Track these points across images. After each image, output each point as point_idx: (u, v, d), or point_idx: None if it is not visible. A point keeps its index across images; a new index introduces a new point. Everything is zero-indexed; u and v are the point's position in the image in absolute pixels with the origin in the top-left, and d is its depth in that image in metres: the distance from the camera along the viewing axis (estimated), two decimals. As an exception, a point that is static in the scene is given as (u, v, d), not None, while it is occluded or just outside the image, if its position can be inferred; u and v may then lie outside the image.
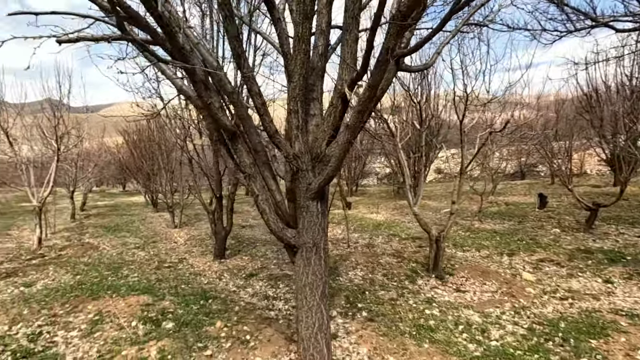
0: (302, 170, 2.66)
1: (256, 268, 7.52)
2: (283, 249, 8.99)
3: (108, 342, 4.12)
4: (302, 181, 2.68)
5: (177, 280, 6.56)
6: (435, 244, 6.67)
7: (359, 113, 2.25)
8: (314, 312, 2.77)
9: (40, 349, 4.02)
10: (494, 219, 11.94)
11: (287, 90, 2.68)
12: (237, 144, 2.62)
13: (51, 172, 8.99)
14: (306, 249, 2.74)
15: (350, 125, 2.30)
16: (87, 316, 4.79)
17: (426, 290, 5.98)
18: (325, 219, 2.78)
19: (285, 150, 2.61)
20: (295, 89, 2.61)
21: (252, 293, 6.07)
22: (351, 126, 2.30)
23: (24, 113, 9.31)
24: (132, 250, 9.04)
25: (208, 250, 9.13)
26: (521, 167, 22.75)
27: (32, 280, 6.47)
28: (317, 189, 2.62)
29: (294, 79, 2.60)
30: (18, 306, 5.15)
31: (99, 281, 6.29)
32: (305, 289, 2.76)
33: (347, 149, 2.45)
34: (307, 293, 2.76)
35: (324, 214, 2.78)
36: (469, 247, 8.51)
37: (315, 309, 2.77)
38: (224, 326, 4.45)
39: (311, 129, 2.76)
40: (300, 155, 2.63)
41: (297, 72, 2.58)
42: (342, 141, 2.39)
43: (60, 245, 9.45)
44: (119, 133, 20.42)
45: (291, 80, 2.61)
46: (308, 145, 2.66)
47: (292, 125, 2.67)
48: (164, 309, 4.98)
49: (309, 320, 2.77)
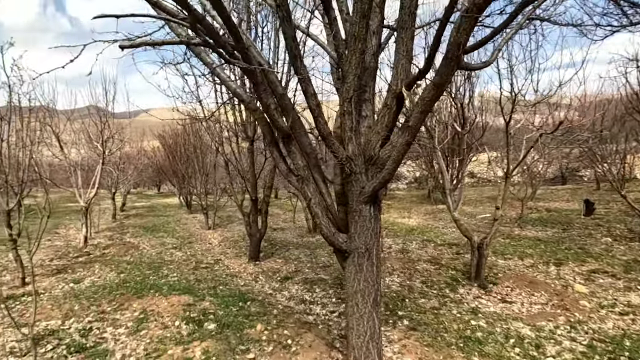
0: (355, 173, 2.59)
1: (290, 271, 7.51)
2: (316, 252, 8.96)
3: (154, 340, 4.21)
4: (355, 184, 2.61)
5: (214, 281, 6.66)
6: (477, 252, 6.38)
7: (422, 114, 2.15)
8: (366, 320, 2.68)
9: (91, 344, 4.17)
10: (535, 226, 11.35)
11: (340, 91, 2.62)
12: (291, 146, 2.58)
13: (96, 174, 9.46)
14: (358, 254, 2.65)
15: (412, 125, 2.19)
16: (133, 314, 4.94)
17: (469, 299, 5.72)
18: (378, 224, 2.69)
19: (338, 152, 2.55)
20: (350, 89, 2.55)
21: (289, 296, 6.05)
22: (412, 127, 2.20)
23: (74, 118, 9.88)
24: (170, 250, 9.31)
25: (242, 252, 9.25)
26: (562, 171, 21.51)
27: (80, 277, 6.79)
28: (371, 192, 2.54)
29: (348, 79, 2.53)
30: (69, 302, 5.40)
31: (142, 280, 6.50)
32: (357, 295, 2.68)
33: (406, 151, 2.36)
34: (358, 300, 2.68)
35: (377, 218, 2.69)
36: (511, 255, 8.10)
37: (367, 317, 2.68)
38: (264, 329, 4.44)
39: (363, 131, 2.69)
40: (353, 158, 2.56)
41: (351, 73, 2.51)
42: (401, 142, 2.29)
43: (104, 244, 9.91)
44: (156, 137, 21.31)
45: (345, 81, 2.55)
46: (361, 148, 2.59)
47: (345, 127, 2.61)
48: (204, 309, 5.05)
49: (360, 329, 2.68)
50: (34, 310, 3.82)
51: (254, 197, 7.86)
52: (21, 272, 6.37)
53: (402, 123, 2.43)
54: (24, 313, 5.15)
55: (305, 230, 12.30)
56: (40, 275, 6.86)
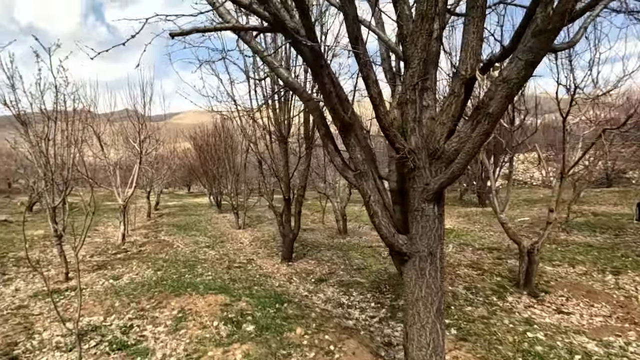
0: (418, 169, 2.35)
1: (324, 273, 7.33)
2: (349, 254, 8.73)
3: (193, 340, 4.14)
4: (418, 181, 2.37)
5: (248, 281, 6.58)
6: (527, 257, 5.94)
7: (506, 98, 1.89)
8: (429, 331, 2.43)
9: (132, 342, 4.15)
10: (582, 231, 10.60)
11: (403, 77, 2.40)
12: (349, 138, 2.38)
13: (134, 174, 9.70)
14: (420, 258, 2.41)
15: (493, 112, 1.93)
16: (172, 312, 4.92)
17: (520, 309, 5.30)
18: (442, 225, 2.44)
19: (399, 145, 2.33)
20: (414, 75, 2.32)
21: (325, 299, 5.86)
22: (493, 114, 1.93)
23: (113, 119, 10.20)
24: (203, 249, 9.38)
25: (273, 252, 9.17)
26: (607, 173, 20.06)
27: (119, 274, 6.91)
28: (437, 189, 2.29)
29: (413, 64, 2.30)
30: (110, 298, 5.47)
31: (178, 278, 6.53)
32: (418, 303, 2.43)
33: (483, 142, 2.10)
34: (419, 308, 2.43)
35: (441, 218, 2.43)
36: (560, 262, 7.54)
37: (429, 327, 2.43)
38: (304, 333, 4.27)
39: (425, 122, 2.45)
40: (416, 151, 2.33)
41: (416, 57, 2.28)
42: (478, 133, 2.04)
43: (140, 241, 10.14)
44: (187, 139, 21.86)
45: (409, 67, 2.33)
46: (424, 141, 2.35)
47: (407, 117, 2.38)
48: (242, 310, 4.94)
49: (422, 340, 2.44)
50: (79, 307, 3.84)
51: (287, 197, 7.75)
52: (65, 268, 6.56)
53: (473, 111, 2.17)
54: (67, 308, 5.26)
55: (335, 232, 12.10)
56: (81, 271, 7.04)
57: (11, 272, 7.01)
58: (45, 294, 5.69)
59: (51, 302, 5.08)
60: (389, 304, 5.48)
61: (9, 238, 10.01)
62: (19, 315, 4.91)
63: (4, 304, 5.37)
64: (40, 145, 6.23)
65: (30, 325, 4.58)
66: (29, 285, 6.28)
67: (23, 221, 4.06)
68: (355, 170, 2.41)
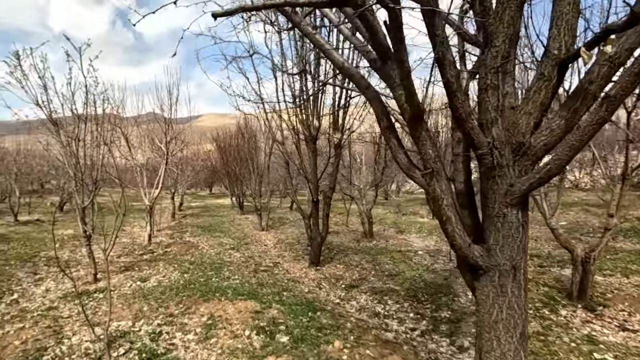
0: (500, 167, 2.00)
1: (355, 279, 6.99)
2: (378, 258, 8.35)
3: (225, 351, 3.90)
4: (500, 182, 2.01)
5: (277, 286, 6.32)
6: (582, 267, 5.40)
7: (638, 76, 1.52)
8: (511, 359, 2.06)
9: (162, 350, 3.95)
10: (629, 237, 9.87)
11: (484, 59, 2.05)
12: (420, 131, 2.04)
13: (160, 174, 9.67)
14: (500, 272, 2.05)
15: (615, 96, 1.57)
16: (201, 319, 4.71)
17: (577, 324, 4.79)
18: (526, 234, 2.07)
19: (478, 139, 1.98)
20: (497, 56, 1.97)
21: (359, 307, 5.53)
22: (616, 97, 1.58)
23: (141, 120, 10.24)
24: (228, 251, 9.22)
25: (299, 255, 8.91)
26: (651, 174, 18.74)
27: (146, 276, 6.81)
28: (524, 192, 1.94)
29: (497, 42, 1.95)
30: (138, 302, 5.33)
31: (205, 281, 6.35)
32: (498, 326, 2.07)
33: (595, 133, 1.73)
34: (499, 332, 2.07)
35: (526, 226, 2.07)
36: (612, 271, 6.92)
37: (512, 356, 2.06)
38: (342, 347, 3.95)
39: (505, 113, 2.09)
40: (499, 146, 1.98)
41: (502, 33, 1.93)
42: (590, 122, 1.67)
43: (166, 242, 10.10)
44: (209, 140, 22.02)
45: (492, 45, 1.98)
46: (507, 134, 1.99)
47: (487, 106, 2.03)
48: (273, 318, 4.68)
49: (502, 369, 2.07)
50: (109, 314, 3.67)
51: (316, 199, 7.46)
52: (93, 269, 6.51)
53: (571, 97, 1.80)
54: (96, 311, 5.15)
55: (361, 235, 11.74)
56: (109, 272, 7.00)
57: (42, 271, 7.05)
58: (74, 295, 5.62)
59: (80, 305, 5.00)
60: (429, 315, 5.09)
61: (41, 237, 10.20)
62: (49, 318, 4.83)
63: (35, 305, 5.33)
64: (70, 145, 6.21)
65: (60, 329, 4.47)
66: (59, 285, 6.26)
67: (53, 222, 3.94)
68: (425, 169, 2.07)
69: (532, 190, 2.03)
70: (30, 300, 5.52)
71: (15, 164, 14.73)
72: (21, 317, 4.84)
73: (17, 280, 6.39)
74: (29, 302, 5.43)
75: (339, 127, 7.18)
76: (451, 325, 4.74)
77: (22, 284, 6.24)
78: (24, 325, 4.55)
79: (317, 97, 6.71)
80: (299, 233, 11.89)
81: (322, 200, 7.72)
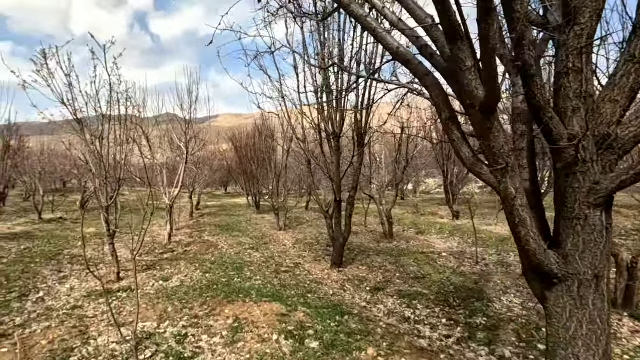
0: (583, 162, 1.77)
1: (379, 281, 6.76)
2: (401, 260, 8.10)
3: (254, 356, 3.75)
4: (582, 179, 1.78)
5: (300, 288, 6.16)
6: (627, 273, 5.05)
7: None
8: (591, 381, 1.83)
9: (189, 354, 3.84)
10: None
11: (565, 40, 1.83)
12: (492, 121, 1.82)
13: (180, 173, 9.66)
14: (579, 282, 1.81)
15: None
16: (226, 321, 4.58)
17: (626, 334, 4.46)
18: (610, 239, 1.83)
19: (557, 130, 1.76)
20: (582, 35, 1.74)
21: (387, 312, 5.31)
22: None
23: (161, 120, 10.25)
24: (248, 250, 9.13)
25: (319, 255, 8.74)
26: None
27: (169, 275, 6.75)
28: (612, 190, 1.71)
29: (583, 18, 1.72)
30: (162, 302, 5.26)
31: (227, 282, 6.24)
32: (577, 343, 1.83)
33: None
34: (579, 350, 1.83)
35: (610, 230, 1.83)
36: (655, 277, 6.46)
37: (593, 376, 1.83)
38: (376, 354, 3.75)
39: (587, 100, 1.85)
40: (582, 139, 1.75)
41: (589, 8, 1.70)
42: None
43: (185, 241, 10.09)
44: (226, 140, 22.11)
45: (575, 22, 1.75)
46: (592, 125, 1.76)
47: (568, 93, 1.80)
48: (301, 322, 4.51)
49: (581, 393, 1.84)
50: (137, 316, 3.57)
51: (339, 198, 7.27)
52: (116, 267, 6.49)
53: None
54: (120, 311, 5.09)
55: (380, 235, 11.48)
56: (132, 270, 6.98)
57: (66, 269, 7.08)
58: (98, 294, 5.60)
59: (105, 304, 4.94)
60: (463, 322, 4.83)
61: (64, 235, 10.34)
62: (74, 317, 4.79)
63: (60, 303, 5.32)
64: (94, 144, 6.21)
65: (85, 329, 4.41)
66: (82, 283, 6.26)
67: (82, 221, 3.87)
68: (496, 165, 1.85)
69: (622, 189, 1.79)
70: (56, 299, 5.51)
71: (40, 164, 15.07)
72: (47, 316, 4.82)
73: (42, 278, 6.43)
74: (55, 301, 5.43)
75: (361, 125, 6.97)
76: (488, 333, 4.47)
77: (48, 282, 6.27)
78: (51, 325, 4.52)
79: (342, 94, 6.51)
80: (317, 233, 11.72)
81: (347, 200, 7.51)
